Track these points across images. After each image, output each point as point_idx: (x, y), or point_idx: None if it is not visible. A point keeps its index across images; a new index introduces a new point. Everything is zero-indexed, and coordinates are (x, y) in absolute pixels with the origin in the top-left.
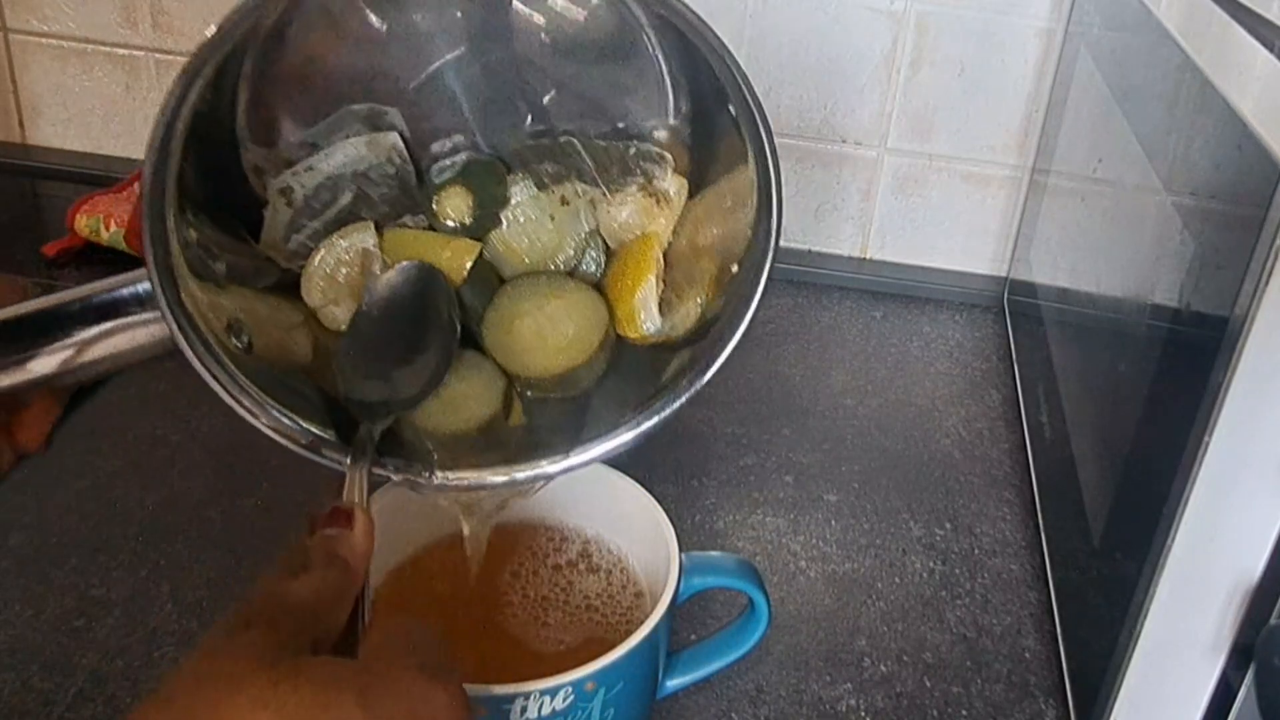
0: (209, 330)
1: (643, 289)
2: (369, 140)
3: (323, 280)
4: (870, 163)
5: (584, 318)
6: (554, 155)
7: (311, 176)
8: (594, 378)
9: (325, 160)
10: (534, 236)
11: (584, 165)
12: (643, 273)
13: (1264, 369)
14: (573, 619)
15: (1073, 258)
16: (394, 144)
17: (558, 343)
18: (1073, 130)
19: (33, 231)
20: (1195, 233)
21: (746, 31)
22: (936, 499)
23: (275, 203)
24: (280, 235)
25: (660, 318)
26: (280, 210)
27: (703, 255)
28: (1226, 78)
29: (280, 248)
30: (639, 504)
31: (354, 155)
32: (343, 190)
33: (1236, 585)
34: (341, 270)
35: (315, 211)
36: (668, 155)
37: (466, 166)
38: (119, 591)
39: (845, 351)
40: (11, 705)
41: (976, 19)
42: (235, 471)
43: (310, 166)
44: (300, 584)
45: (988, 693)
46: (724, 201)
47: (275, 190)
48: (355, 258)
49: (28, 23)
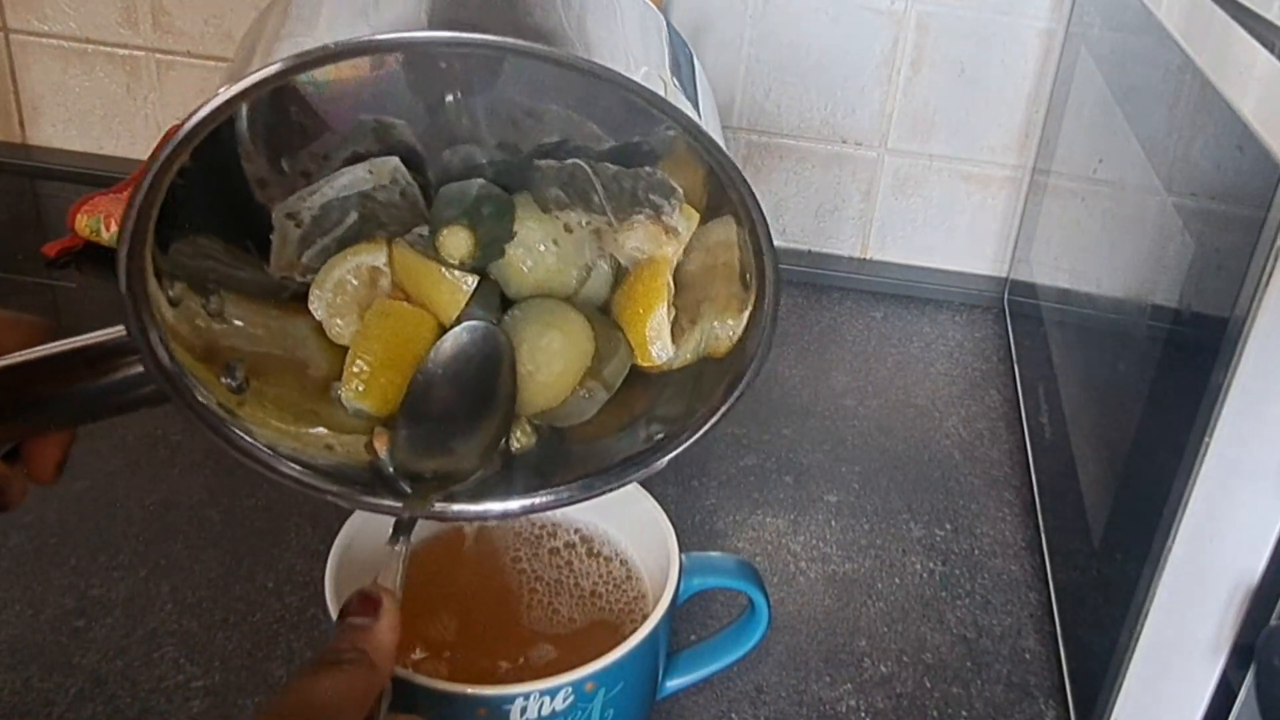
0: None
1: (654, 317)
2: (370, 166)
3: (331, 292)
4: (870, 163)
5: (576, 351)
6: (562, 179)
7: (317, 199)
8: (594, 407)
9: (329, 185)
10: (538, 259)
11: (592, 192)
12: (653, 301)
13: (1264, 369)
14: (578, 602)
15: (1073, 258)
16: (395, 168)
17: (546, 378)
18: (1073, 131)
19: (33, 231)
20: (1195, 233)
21: (747, 32)
22: (937, 499)
23: (283, 226)
24: (293, 255)
25: (673, 346)
26: (289, 233)
27: (717, 278)
28: (1227, 78)
29: (295, 265)
30: (639, 504)
31: (357, 179)
32: (349, 210)
33: (1237, 586)
34: (349, 285)
35: (324, 230)
36: (678, 189)
37: (474, 203)
38: (119, 591)
39: (845, 352)
40: (11, 705)
41: (976, 19)
42: (235, 471)
43: (315, 191)
44: (327, 683)
45: (988, 693)
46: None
47: (281, 215)
48: (364, 273)
49: (28, 22)
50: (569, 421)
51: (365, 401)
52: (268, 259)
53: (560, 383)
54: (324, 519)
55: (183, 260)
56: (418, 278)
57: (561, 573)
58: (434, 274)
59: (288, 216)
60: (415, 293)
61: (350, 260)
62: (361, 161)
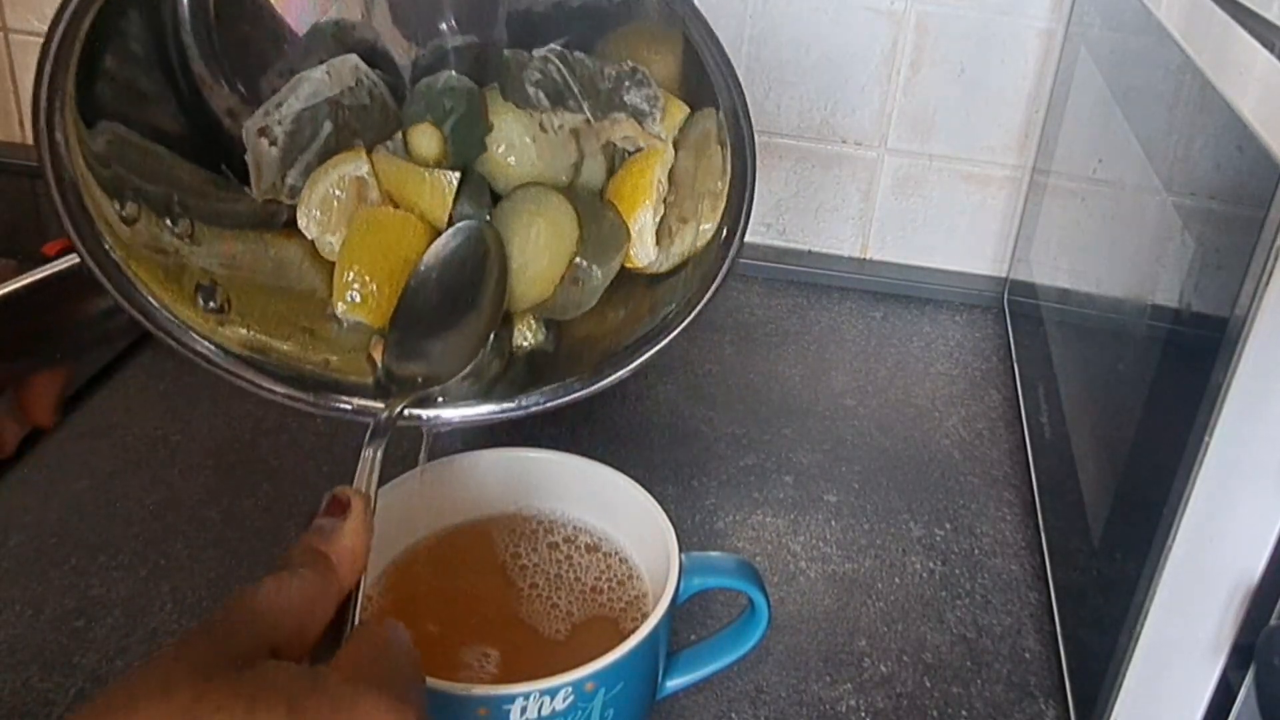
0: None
1: (638, 217)
2: (328, 67)
3: (318, 210)
4: (870, 163)
5: (560, 238)
6: (534, 77)
7: (285, 111)
8: (592, 296)
9: (292, 94)
10: (520, 153)
11: (568, 94)
12: (639, 198)
13: (1264, 369)
14: (578, 598)
15: (1073, 258)
16: (354, 65)
17: (536, 271)
18: (1073, 130)
19: (33, 231)
20: (1195, 233)
21: (747, 31)
22: (936, 499)
23: (257, 145)
24: (275, 175)
25: (656, 249)
26: (265, 152)
27: (706, 175)
28: (1227, 78)
29: (279, 187)
30: (639, 504)
31: (319, 84)
32: (322, 121)
33: (1237, 585)
34: (336, 199)
35: (301, 146)
36: (659, 94)
37: (438, 98)
38: (119, 591)
39: (845, 352)
40: (11, 705)
41: (976, 19)
42: (235, 471)
43: (280, 103)
44: (268, 587)
45: (988, 693)
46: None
47: (253, 132)
48: (349, 185)
49: (28, 22)
50: (571, 313)
51: (360, 313)
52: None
53: (551, 272)
54: None
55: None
56: (401, 183)
57: (561, 567)
58: (416, 177)
59: (260, 134)
60: (402, 199)
61: (333, 173)
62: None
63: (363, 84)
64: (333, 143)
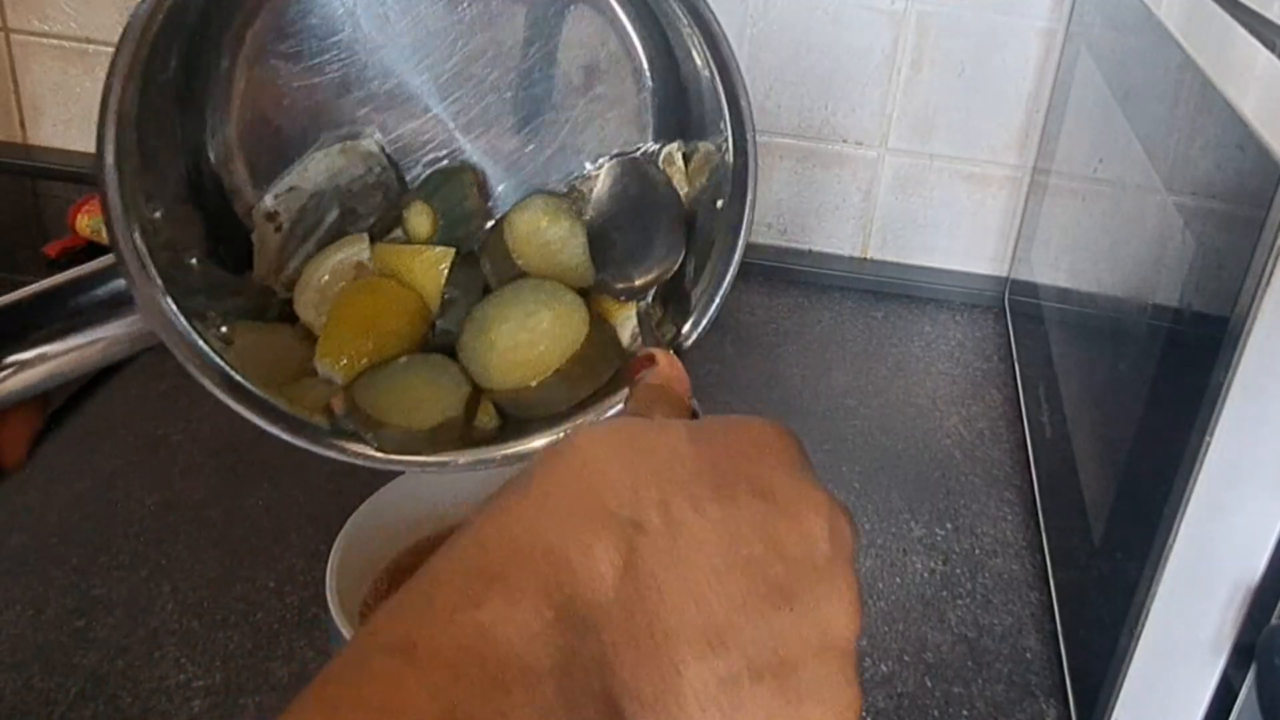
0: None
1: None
2: (343, 149)
3: (316, 294)
4: (871, 163)
5: (560, 335)
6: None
7: (294, 197)
8: (560, 406)
9: (303, 175)
10: (540, 240)
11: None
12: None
13: (1264, 369)
14: None
15: (1073, 258)
16: (369, 150)
17: (526, 356)
18: (1073, 130)
19: (34, 232)
20: (1196, 233)
21: (748, 31)
22: (937, 499)
23: (262, 229)
24: (273, 262)
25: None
26: (269, 237)
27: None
28: (1227, 78)
29: (275, 275)
30: None
31: (332, 166)
32: (329, 208)
33: (1237, 585)
34: (336, 285)
35: (305, 234)
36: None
37: (429, 179)
38: (119, 591)
39: (846, 351)
40: (12, 705)
41: (977, 19)
42: (235, 471)
43: (291, 186)
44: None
45: (988, 693)
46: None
47: (260, 215)
48: (348, 271)
49: (29, 22)
50: (538, 413)
51: (336, 371)
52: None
53: (541, 362)
54: (325, 518)
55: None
56: (395, 261)
57: None
58: (409, 253)
59: (267, 219)
60: (397, 277)
61: (336, 255)
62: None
63: (372, 171)
64: (335, 231)
